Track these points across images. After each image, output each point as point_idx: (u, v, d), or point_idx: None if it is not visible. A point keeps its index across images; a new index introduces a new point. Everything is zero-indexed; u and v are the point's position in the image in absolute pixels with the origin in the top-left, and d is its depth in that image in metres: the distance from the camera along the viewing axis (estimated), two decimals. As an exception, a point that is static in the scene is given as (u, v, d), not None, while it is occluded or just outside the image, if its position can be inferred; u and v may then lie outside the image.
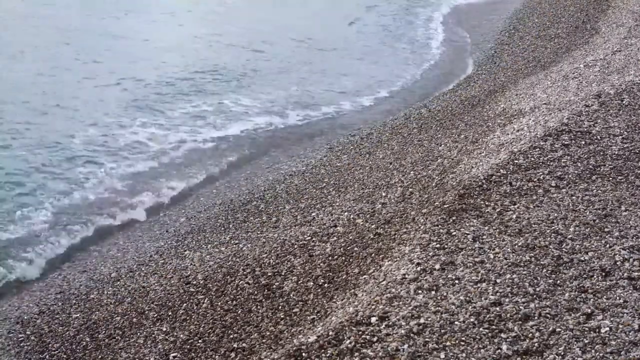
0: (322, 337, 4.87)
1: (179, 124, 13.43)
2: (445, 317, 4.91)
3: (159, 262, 8.23)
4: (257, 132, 13.44)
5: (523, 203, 6.61)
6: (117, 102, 14.24)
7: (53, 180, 10.66)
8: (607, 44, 14.05)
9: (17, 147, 11.73)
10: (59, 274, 8.46)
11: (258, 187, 10.33)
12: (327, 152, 11.59)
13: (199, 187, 11.03)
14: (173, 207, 10.33)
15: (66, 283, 8.13)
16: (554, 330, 4.79)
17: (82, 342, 6.84)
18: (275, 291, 6.66)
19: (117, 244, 9.22)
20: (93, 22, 20.74)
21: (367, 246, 6.84)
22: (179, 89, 15.39)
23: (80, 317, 7.25)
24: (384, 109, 14.89)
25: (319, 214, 8.47)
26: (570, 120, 8.62)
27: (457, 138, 9.98)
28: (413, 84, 17.01)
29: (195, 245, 8.55)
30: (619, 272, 5.49)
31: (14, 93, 14.18)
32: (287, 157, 11.95)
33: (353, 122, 14.04)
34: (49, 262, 8.74)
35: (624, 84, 10.12)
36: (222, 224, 9.07)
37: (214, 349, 6.13)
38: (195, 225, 9.26)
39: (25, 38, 18.24)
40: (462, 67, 18.00)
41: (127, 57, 17.62)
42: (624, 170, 7.34)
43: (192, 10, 23.74)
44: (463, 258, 5.67)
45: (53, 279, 8.32)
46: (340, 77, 17.08)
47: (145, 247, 8.85)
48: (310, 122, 14.18)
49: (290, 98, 15.32)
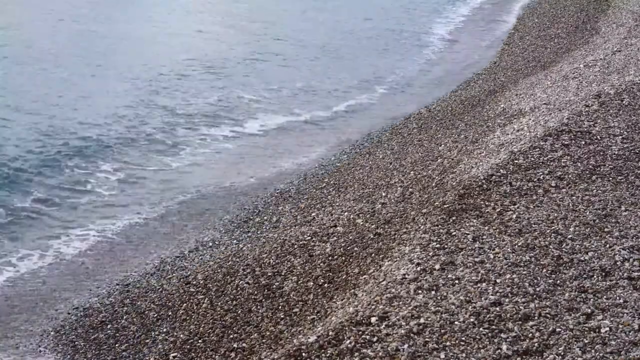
0: (322, 337, 4.87)
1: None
2: (445, 317, 4.91)
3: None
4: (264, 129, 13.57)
5: (523, 203, 6.61)
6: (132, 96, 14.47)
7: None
8: (607, 44, 14.06)
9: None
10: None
11: (258, 187, 10.34)
12: (327, 152, 11.60)
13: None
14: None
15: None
16: (554, 330, 4.79)
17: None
18: (275, 291, 6.66)
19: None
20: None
21: (367, 246, 6.84)
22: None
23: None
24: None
25: (319, 214, 8.47)
26: (570, 120, 8.63)
27: (457, 138, 9.98)
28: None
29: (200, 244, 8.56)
30: (619, 272, 5.48)
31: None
32: (287, 157, 11.95)
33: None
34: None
35: (624, 84, 10.12)
36: (224, 223, 9.08)
37: (214, 349, 6.12)
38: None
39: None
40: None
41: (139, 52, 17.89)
42: (624, 170, 7.34)
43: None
44: (463, 258, 5.66)
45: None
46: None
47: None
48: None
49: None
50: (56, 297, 7.84)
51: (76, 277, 8.36)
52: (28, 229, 9.32)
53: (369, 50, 20.01)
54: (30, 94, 14.36)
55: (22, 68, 16.05)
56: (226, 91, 15.41)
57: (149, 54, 17.93)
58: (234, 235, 8.57)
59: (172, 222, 9.65)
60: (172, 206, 10.25)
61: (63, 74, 15.82)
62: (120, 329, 6.96)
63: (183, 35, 19.97)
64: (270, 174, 10.99)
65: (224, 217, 9.35)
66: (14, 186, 10.42)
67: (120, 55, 17.56)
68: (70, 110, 13.60)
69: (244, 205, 9.64)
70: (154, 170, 11.48)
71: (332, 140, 12.54)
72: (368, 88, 16.47)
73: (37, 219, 9.60)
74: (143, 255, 8.63)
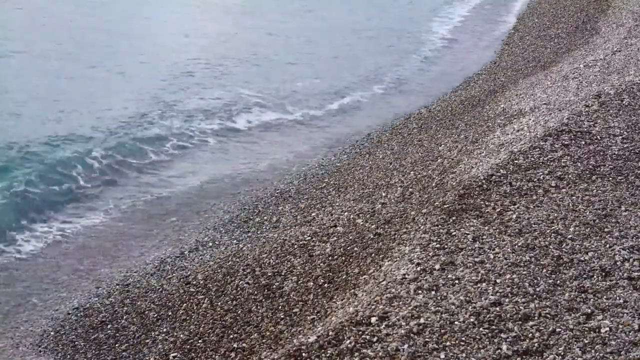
0: (322, 337, 4.87)
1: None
2: (445, 317, 4.91)
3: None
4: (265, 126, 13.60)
5: (523, 203, 6.61)
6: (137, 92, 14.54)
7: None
8: (607, 44, 14.06)
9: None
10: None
11: (259, 187, 10.34)
12: (327, 152, 11.60)
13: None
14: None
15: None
16: (554, 330, 4.79)
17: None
18: (275, 291, 6.66)
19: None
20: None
21: (367, 246, 6.84)
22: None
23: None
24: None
25: (319, 214, 8.47)
26: (570, 120, 8.63)
27: (457, 138, 9.98)
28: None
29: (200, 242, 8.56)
30: (619, 272, 5.49)
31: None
32: (287, 156, 11.96)
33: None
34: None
35: (624, 84, 10.12)
36: (225, 223, 9.08)
37: (214, 349, 6.13)
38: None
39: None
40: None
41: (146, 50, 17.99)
42: (624, 170, 7.34)
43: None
44: (463, 258, 5.67)
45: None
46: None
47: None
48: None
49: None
50: (56, 297, 7.85)
51: (76, 277, 8.36)
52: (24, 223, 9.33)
53: (369, 49, 20.01)
54: (28, 88, 14.41)
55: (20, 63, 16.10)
56: (226, 90, 15.42)
57: (148, 52, 17.97)
58: (234, 235, 8.57)
59: (172, 222, 9.65)
60: (172, 206, 10.25)
61: (61, 69, 15.85)
62: (120, 329, 6.96)
63: (183, 35, 20.00)
64: (271, 174, 11.00)
65: (224, 217, 9.35)
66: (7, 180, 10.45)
67: (119, 52, 17.61)
68: (69, 107, 13.62)
69: (244, 205, 9.64)
70: (154, 170, 11.48)
71: (331, 140, 12.54)
72: (367, 87, 16.47)
73: (31, 213, 9.60)
74: (143, 255, 8.63)
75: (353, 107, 15.18)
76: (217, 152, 12.41)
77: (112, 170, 11.23)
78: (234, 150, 12.54)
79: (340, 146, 11.86)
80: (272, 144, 12.91)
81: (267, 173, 11.14)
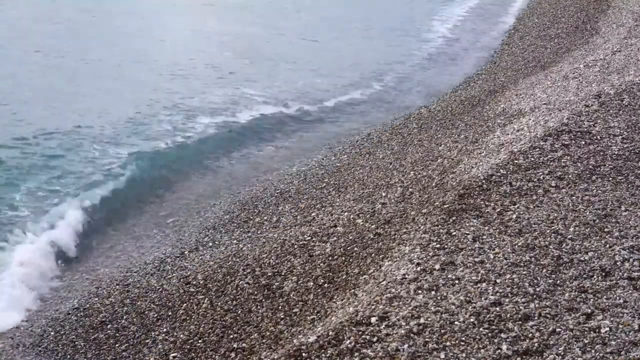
0: (322, 337, 4.87)
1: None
2: (445, 317, 4.91)
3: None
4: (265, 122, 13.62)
5: (523, 203, 6.61)
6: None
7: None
8: (607, 44, 14.06)
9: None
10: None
11: (259, 187, 10.33)
12: (327, 152, 11.59)
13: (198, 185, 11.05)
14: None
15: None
16: (554, 330, 4.79)
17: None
18: (275, 291, 6.67)
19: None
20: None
21: (367, 246, 6.84)
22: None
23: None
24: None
25: (319, 214, 8.47)
26: (570, 120, 8.63)
27: (457, 138, 9.98)
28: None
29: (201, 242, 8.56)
30: (619, 272, 5.49)
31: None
32: (287, 156, 11.96)
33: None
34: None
35: (624, 84, 10.12)
36: (225, 223, 9.08)
37: (214, 349, 6.13)
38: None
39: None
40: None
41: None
42: (624, 170, 7.34)
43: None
44: (463, 258, 5.67)
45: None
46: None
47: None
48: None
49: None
50: (56, 297, 7.86)
51: (76, 277, 8.37)
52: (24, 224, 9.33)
53: (369, 48, 20.02)
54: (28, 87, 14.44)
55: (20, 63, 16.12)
56: (227, 88, 15.44)
57: (149, 51, 17.98)
58: (234, 235, 8.57)
59: (172, 222, 9.65)
60: (172, 206, 10.26)
61: (61, 70, 15.87)
62: (120, 329, 6.96)
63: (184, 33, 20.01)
64: (271, 174, 10.99)
65: (224, 217, 9.35)
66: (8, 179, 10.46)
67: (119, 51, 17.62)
68: (68, 106, 13.65)
69: (244, 205, 9.64)
70: (154, 169, 11.48)
71: (331, 140, 12.54)
72: (368, 86, 16.49)
73: (30, 211, 9.61)
74: (143, 255, 8.63)
75: (353, 107, 15.19)
76: (217, 151, 12.40)
77: (112, 169, 11.22)
78: (234, 150, 12.54)
79: (341, 146, 11.86)
80: (272, 143, 12.92)
81: (267, 173, 11.14)
